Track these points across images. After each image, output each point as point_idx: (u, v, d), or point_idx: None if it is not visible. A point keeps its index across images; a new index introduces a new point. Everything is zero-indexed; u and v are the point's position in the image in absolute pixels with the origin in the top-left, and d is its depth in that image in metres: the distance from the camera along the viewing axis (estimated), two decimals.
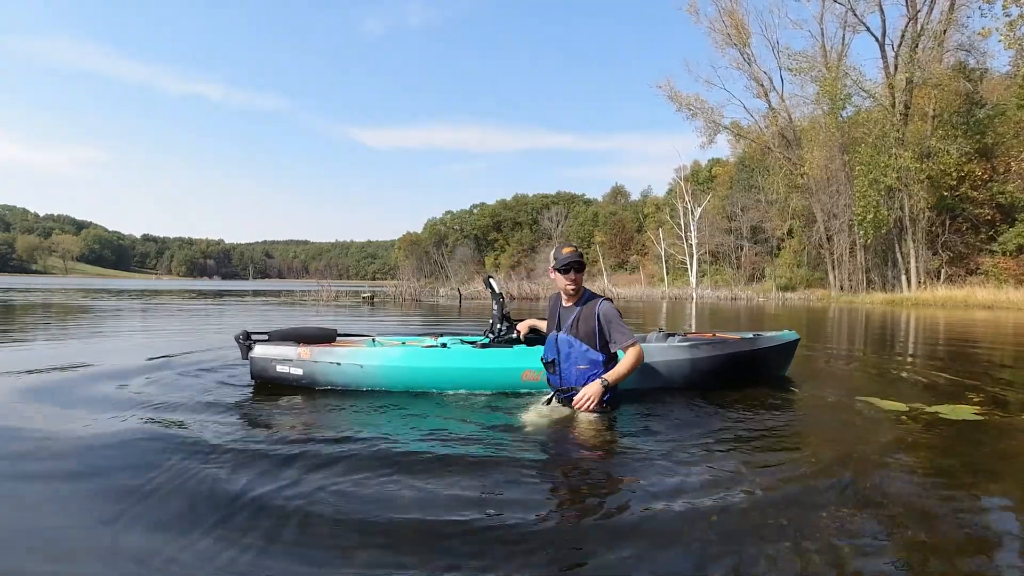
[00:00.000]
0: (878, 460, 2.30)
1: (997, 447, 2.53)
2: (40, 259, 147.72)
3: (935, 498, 1.89)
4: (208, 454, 2.21)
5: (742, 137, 36.34)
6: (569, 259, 2.87)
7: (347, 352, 3.44)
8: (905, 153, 24.55)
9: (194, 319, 9.76)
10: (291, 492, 1.85)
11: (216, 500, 1.79)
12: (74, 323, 8.59)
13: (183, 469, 2.05)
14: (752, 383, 3.68)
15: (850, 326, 11.00)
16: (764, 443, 2.52)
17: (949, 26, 24.40)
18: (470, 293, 23.46)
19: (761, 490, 1.95)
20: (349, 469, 2.07)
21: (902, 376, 4.58)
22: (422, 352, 3.46)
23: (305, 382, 3.43)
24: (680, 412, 3.01)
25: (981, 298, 20.60)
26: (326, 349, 3.46)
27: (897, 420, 2.99)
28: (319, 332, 3.70)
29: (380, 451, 2.27)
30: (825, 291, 29.87)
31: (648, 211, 55.11)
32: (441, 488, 1.92)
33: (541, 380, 3.25)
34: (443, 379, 3.38)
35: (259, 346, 3.49)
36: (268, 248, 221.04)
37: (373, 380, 3.38)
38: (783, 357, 4.05)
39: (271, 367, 3.45)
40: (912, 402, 3.41)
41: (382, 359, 3.38)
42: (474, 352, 3.48)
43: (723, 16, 31.51)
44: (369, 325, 9.14)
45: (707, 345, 3.61)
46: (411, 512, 1.73)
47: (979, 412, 3.17)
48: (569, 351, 2.89)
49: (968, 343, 7.61)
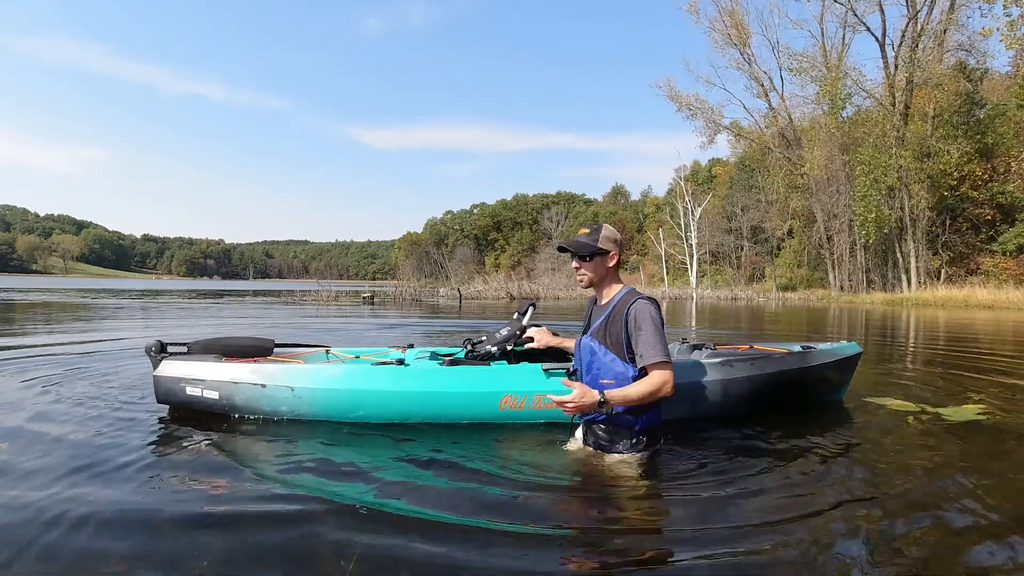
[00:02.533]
0: (879, 460, 2.30)
1: (1000, 448, 2.52)
2: (40, 259, 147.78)
3: (937, 498, 1.89)
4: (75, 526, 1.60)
5: (742, 137, 36.35)
6: (573, 241, 2.28)
7: (276, 371, 2.71)
8: (905, 153, 24.56)
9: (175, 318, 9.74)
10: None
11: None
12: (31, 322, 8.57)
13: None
14: (802, 410, 3.02)
15: (850, 326, 10.99)
16: (763, 444, 2.52)
17: (949, 26, 24.40)
18: (470, 293, 23.46)
19: (760, 489, 1.95)
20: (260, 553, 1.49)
21: (903, 376, 4.57)
22: (371, 372, 2.72)
23: (222, 408, 2.74)
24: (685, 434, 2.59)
25: (981, 298, 20.61)
26: (253, 366, 2.75)
27: (900, 420, 2.99)
28: (251, 343, 3.10)
29: (312, 514, 1.70)
30: (825, 291, 29.87)
31: (648, 211, 55.19)
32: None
33: (526, 409, 2.65)
34: (395, 407, 2.66)
35: (168, 362, 2.79)
36: (268, 248, 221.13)
37: (306, 407, 2.67)
38: (842, 375, 3.28)
39: (179, 388, 2.75)
40: (915, 402, 3.41)
41: (318, 380, 2.67)
42: (438, 371, 2.71)
43: (723, 16, 31.55)
44: (360, 327, 9.12)
45: (744, 362, 2.88)
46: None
47: (982, 413, 3.16)
48: (591, 360, 2.24)
49: (969, 343, 7.60)
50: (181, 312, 11.75)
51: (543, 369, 2.71)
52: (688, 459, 2.28)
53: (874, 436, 2.70)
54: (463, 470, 2.14)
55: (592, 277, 2.28)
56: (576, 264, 2.28)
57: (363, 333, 7.85)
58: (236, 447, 2.39)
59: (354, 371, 2.74)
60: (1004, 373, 4.79)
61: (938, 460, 2.33)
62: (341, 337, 7.13)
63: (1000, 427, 2.89)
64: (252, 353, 3.07)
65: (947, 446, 2.54)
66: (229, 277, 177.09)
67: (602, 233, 2.25)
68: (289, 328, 8.36)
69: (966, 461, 2.30)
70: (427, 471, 2.12)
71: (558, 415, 2.51)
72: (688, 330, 9.90)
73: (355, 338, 7.12)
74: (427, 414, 2.69)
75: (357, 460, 2.22)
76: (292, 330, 8.04)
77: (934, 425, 2.91)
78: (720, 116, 33.75)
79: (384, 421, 2.68)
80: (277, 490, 1.90)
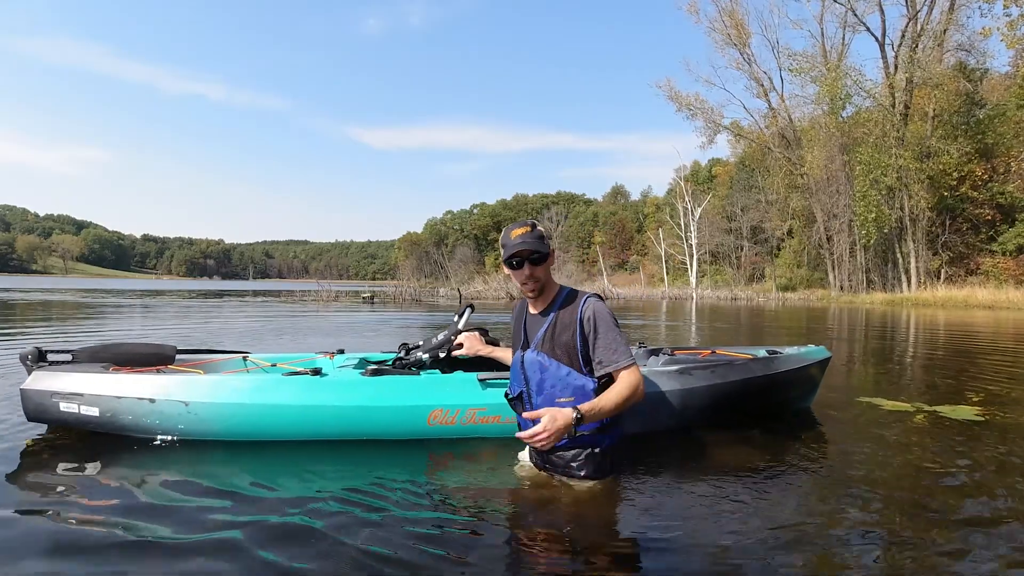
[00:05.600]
0: (878, 460, 2.30)
1: (998, 447, 2.53)
2: (40, 259, 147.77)
3: (936, 498, 1.89)
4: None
5: (742, 137, 36.35)
6: (517, 245, 1.89)
7: (168, 383, 2.35)
8: (905, 153, 24.56)
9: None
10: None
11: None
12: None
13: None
14: (770, 418, 2.82)
15: (850, 326, 10.99)
16: (761, 443, 2.52)
17: (949, 26, 24.40)
18: (470, 293, 23.47)
19: (758, 489, 1.95)
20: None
21: (903, 376, 4.57)
22: (279, 383, 2.39)
23: (103, 426, 2.35)
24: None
25: (981, 298, 20.61)
26: (141, 378, 2.38)
27: (898, 420, 2.99)
28: (147, 350, 2.71)
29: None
30: (825, 291, 29.86)
31: (648, 211, 55.18)
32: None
33: (458, 424, 2.37)
34: (306, 423, 2.34)
35: (39, 372, 2.39)
36: (268, 248, 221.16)
37: (203, 425, 2.32)
38: (811, 382, 3.08)
39: (51, 404, 2.34)
40: (913, 402, 3.41)
41: (217, 393, 2.32)
42: (358, 382, 2.41)
43: (723, 16, 31.57)
44: (355, 326, 9.11)
45: (705, 369, 2.66)
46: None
47: (980, 412, 3.17)
48: (542, 377, 1.88)
49: (968, 343, 7.61)
50: (169, 312, 11.75)
51: (479, 380, 2.41)
52: (664, 478, 2.04)
53: (873, 436, 2.70)
54: (385, 506, 1.75)
55: (543, 283, 1.95)
56: (528, 271, 1.90)
57: (350, 328, 7.86)
58: (112, 476, 2.00)
59: (259, 383, 2.38)
60: (1004, 373, 4.79)
61: (937, 460, 2.33)
62: (329, 335, 7.13)
63: (999, 427, 2.89)
64: (148, 361, 2.69)
65: (946, 446, 2.54)
66: (229, 277, 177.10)
67: (541, 230, 1.95)
68: (276, 326, 8.36)
69: (965, 461, 2.31)
70: (331, 508, 1.72)
71: (497, 431, 2.35)
72: (661, 319, 9.87)
73: (350, 334, 7.12)
74: (343, 431, 2.36)
75: (250, 489, 1.89)
76: (286, 328, 8.04)
77: (933, 425, 2.91)
78: (720, 116, 33.82)
79: (294, 439, 2.37)
80: (142, 531, 1.57)
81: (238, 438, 2.36)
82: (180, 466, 2.13)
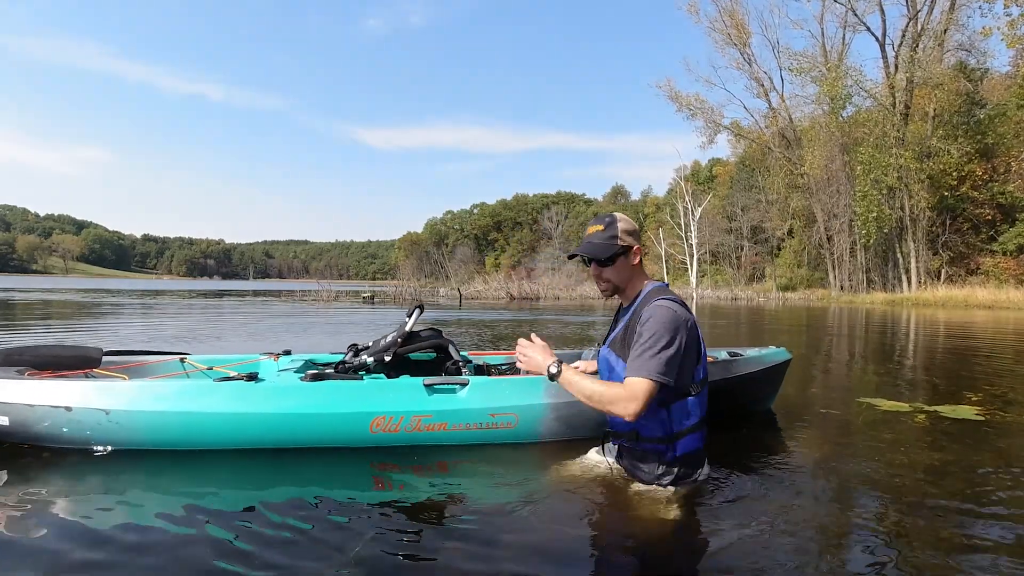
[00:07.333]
0: (878, 460, 2.30)
1: (998, 447, 2.53)
2: (40, 259, 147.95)
3: (935, 498, 1.89)
4: None
5: (742, 137, 36.36)
6: (581, 247, 1.88)
7: (87, 389, 2.19)
8: (905, 153, 24.56)
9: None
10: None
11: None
12: None
13: None
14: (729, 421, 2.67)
15: (850, 326, 10.99)
16: (759, 444, 2.52)
17: (949, 26, 24.40)
18: (470, 293, 23.48)
19: (756, 489, 1.95)
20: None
21: (903, 376, 4.57)
22: (209, 389, 2.24)
23: (14, 436, 2.21)
24: None
25: (981, 298, 20.61)
26: (56, 384, 2.21)
27: (897, 420, 2.99)
28: (70, 353, 2.53)
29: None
30: (825, 291, 29.87)
31: (648, 211, 55.15)
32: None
33: (402, 432, 2.25)
34: (238, 432, 2.21)
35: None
36: (268, 248, 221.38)
37: (125, 434, 2.17)
38: (769, 385, 3.05)
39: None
40: (912, 402, 3.41)
41: (140, 400, 2.17)
42: (295, 388, 2.28)
43: (723, 16, 31.57)
44: (351, 324, 9.11)
45: None
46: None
47: (980, 412, 3.16)
48: (610, 376, 1.85)
49: (968, 343, 7.60)
50: (153, 312, 11.75)
51: (424, 385, 2.31)
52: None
53: (873, 436, 2.70)
54: (315, 518, 1.64)
55: (618, 283, 1.86)
56: (595, 271, 1.86)
57: (343, 324, 7.85)
58: (14, 490, 1.83)
59: (187, 389, 2.25)
60: (1003, 373, 4.79)
61: (937, 460, 2.33)
62: (312, 334, 7.12)
63: (999, 427, 2.89)
64: (70, 364, 2.50)
65: (946, 446, 2.53)
66: (229, 277, 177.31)
67: (619, 227, 1.83)
68: (270, 324, 8.35)
69: (964, 461, 2.30)
70: (253, 524, 1.60)
71: (443, 439, 2.27)
72: None
73: (342, 331, 7.11)
74: (280, 439, 2.23)
75: (169, 503, 1.76)
76: (280, 326, 8.04)
77: (933, 425, 2.91)
78: (720, 116, 33.83)
79: (227, 448, 2.23)
80: (44, 551, 1.44)
81: (165, 447, 2.21)
82: (95, 479, 1.96)
